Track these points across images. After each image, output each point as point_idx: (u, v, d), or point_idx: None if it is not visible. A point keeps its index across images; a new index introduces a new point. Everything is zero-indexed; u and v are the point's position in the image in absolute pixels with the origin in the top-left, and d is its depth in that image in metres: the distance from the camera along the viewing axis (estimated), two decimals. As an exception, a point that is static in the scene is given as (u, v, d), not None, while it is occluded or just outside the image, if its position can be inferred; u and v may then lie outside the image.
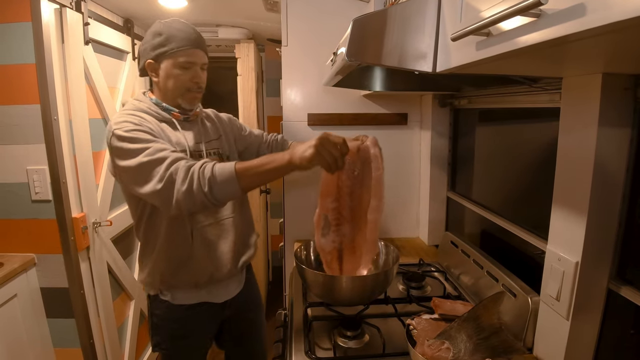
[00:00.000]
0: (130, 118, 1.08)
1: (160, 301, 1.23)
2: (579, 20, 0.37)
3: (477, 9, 0.59)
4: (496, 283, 1.12)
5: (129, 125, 1.05)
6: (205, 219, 1.20)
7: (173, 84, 1.15)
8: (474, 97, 1.43)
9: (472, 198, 1.53)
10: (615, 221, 0.79)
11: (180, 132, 1.18)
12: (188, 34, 1.14)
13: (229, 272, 1.26)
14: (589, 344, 0.84)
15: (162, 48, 1.12)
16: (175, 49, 1.12)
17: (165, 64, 1.14)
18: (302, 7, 1.64)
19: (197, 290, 1.24)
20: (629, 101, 0.75)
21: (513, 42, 0.48)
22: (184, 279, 1.20)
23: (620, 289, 0.79)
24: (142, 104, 1.17)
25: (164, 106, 1.18)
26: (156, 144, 1.03)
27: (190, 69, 1.15)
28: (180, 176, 0.97)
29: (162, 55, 1.13)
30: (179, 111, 1.20)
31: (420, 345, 0.89)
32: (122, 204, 2.07)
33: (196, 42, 1.15)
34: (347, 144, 0.96)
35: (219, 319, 1.34)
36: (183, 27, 1.14)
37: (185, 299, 1.23)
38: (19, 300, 1.56)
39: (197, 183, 0.96)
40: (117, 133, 1.03)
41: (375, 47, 0.72)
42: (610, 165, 0.77)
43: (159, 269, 1.19)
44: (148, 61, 1.15)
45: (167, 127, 1.17)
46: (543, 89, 0.99)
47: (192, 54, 1.15)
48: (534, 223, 1.12)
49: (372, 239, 1.09)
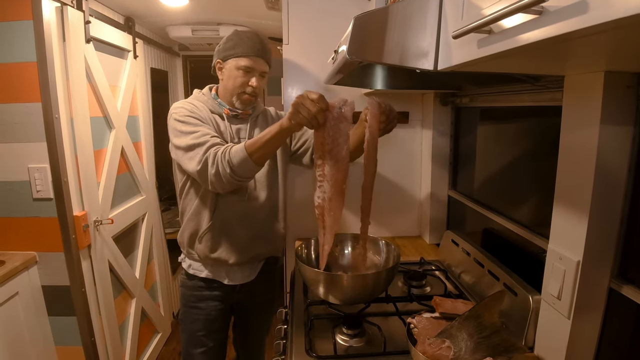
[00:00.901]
0: (187, 105, 1.26)
1: (182, 268, 1.44)
2: (581, 17, 0.37)
3: (478, 7, 0.58)
4: (497, 282, 1.12)
5: (183, 111, 1.23)
6: (229, 201, 1.31)
7: (232, 83, 1.29)
8: (476, 96, 1.42)
9: (473, 197, 1.53)
10: (617, 220, 0.79)
11: (227, 126, 1.32)
12: (254, 42, 1.28)
13: (237, 260, 1.34)
14: (590, 342, 0.84)
15: (230, 51, 1.28)
16: (240, 54, 1.27)
17: (229, 65, 1.29)
18: (303, 6, 1.64)
19: (209, 266, 1.37)
20: (632, 99, 0.75)
21: (515, 40, 0.48)
22: (199, 248, 1.33)
23: (622, 287, 0.79)
24: (202, 96, 1.35)
25: (219, 101, 1.34)
26: (203, 129, 1.20)
27: (249, 72, 1.28)
28: (209, 161, 1.14)
29: (228, 57, 1.28)
30: (230, 108, 1.33)
31: (421, 343, 0.89)
32: (123, 202, 2.07)
33: (260, 51, 1.28)
34: (324, 100, 1.00)
35: (229, 299, 1.43)
36: (252, 37, 1.29)
37: (197, 271, 1.39)
38: (21, 298, 1.57)
39: (221, 166, 1.12)
40: (174, 116, 1.23)
41: (376, 45, 0.72)
42: (612, 164, 0.77)
43: (184, 234, 1.36)
44: (217, 60, 1.32)
45: (218, 118, 1.32)
46: (545, 87, 0.98)
47: (253, 61, 1.27)
48: (535, 222, 1.11)
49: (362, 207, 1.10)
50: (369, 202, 1.10)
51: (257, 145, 1.10)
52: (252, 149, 1.10)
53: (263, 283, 1.47)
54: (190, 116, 1.22)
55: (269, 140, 1.09)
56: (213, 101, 1.33)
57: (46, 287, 1.68)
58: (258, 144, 1.10)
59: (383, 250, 1.28)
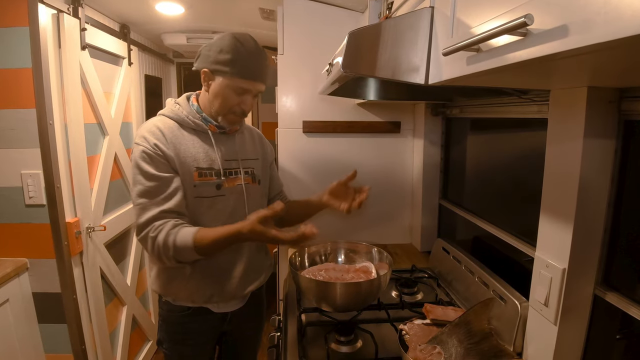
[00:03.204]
0: (152, 136, 1.10)
1: (163, 302, 1.26)
2: (563, 40, 0.39)
3: (467, 25, 0.61)
4: (487, 289, 1.14)
5: (147, 148, 1.08)
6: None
7: (220, 103, 1.14)
8: (466, 107, 1.46)
9: (463, 205, 1.56)
10: (600, 229, 0.82)
11: (213, 146, 1.18)
12: (254, 64, 1.11)
13: (231, 296, 1.24)
14: (577, 348, 0.87)
15: (223, 67, 1.09)
16: (237, 74, 1.10)
17: (220, 81, 1.12)
18: (298, 16, 1.67)
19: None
20: (614, 113, 0.78)
21: (502, 59, 0.50)
22: (181, 294, 1.21)
23: (606, 294, 0.82)
24: (181, 110, 1.17)
25: (203, 116, 1.18)
26: (156, 187, 1.07)
27: (241, 95, 1.14)
28: (149, 242, 1.05)
29: (221, 73, 1.11)
30: (216, 125, 1.19)
31: (412, 350, 0.90)
32: (116, 208, 2.07)
33: (259, 74, 1.13)
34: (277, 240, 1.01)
35: (218, 330, 1.31)
36: (252, 55, 1.10)
37: (185, 302, 1.23)
38: (11, 305, 1.55)
39: (162, 248, 1.04)
40: (136, 150, 1.10)
41: (370, 60, 0.75)
42: (596, 175, 0.80)
43: (160, 277, 1.22)
44: (204, 69, 1.12)
45: (198, 140, 1.17)
46: (532, 100, 1.02)
47: (249, 84, 1.12)
48: (523, 230, 1.14)
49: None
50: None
51: (207, 240, 1.03)
52: (201, 244, 1.03)
53: (252, 306, 1.35)
54: (149, 161, 1.08)
55: (223, 241, 1.03)
56: (194, 115, 1.17)
57: (37, 294, 1.66)
58: (208, 240, 1.03)
59: (376, 258, 1.30)
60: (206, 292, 1.20)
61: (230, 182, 1.20)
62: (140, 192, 1.08)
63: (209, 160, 1.16)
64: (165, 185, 1.09)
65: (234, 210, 1.20)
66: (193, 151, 1.14)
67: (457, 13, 0.65)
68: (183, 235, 1.04)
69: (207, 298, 1.21)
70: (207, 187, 1.15)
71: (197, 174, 1.14)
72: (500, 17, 0.51)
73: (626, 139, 0.80)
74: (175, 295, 1.21)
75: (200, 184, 1.14)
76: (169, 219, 1.07)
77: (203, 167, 1.15)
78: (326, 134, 1.77)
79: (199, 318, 1.24)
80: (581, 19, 0.37)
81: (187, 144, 1.14)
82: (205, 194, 1.15)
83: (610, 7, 0.33)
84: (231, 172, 1.21)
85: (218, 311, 1.26)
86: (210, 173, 1.16)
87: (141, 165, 1.08)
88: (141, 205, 1.07)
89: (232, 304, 1.29)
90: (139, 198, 1.08)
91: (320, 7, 1.67)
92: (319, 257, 1.35)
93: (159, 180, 1.08)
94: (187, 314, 1.23)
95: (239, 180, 1.22)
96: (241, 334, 1.38)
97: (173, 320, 1.24)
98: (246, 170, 1.25)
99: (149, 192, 1.07)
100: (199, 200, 1.15)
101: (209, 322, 1.26)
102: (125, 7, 1.91)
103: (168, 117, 1.17)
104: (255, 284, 1.30)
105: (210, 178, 1.16)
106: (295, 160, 1.78)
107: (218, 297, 1.22)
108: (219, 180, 1.17)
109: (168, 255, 1.05)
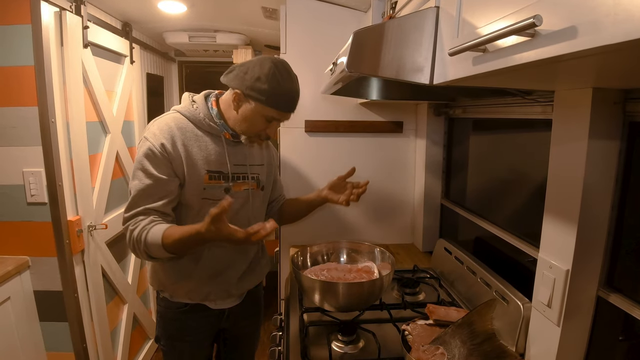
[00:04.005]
0: (165, 133, 1.11)
1: (161, 298, 1.28)
2: (571, 42, 0.39)
3: (473, 26, 0.61)
4: (489, 289, 1.14)
5: (153, 146, 1.09)
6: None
7: (248, 125, 1.15)
8: (469, 107, 1.45)
9: (465, 205, 1.56)
10: (604, 230, 0.82)
11: (225, 150, 1.19)
12: (289, 99, 1.12)
13: (229, 294, 1.27)
14: (579, 349, 0.87)
15: (258, 95, 1.09)
16: (269, 105, 1.10)
17: (252, 106, 1.11)
18: (300, 16, 1.67)
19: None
20: (618, 115, 0.78)
21: (509, 59, 0.50)
22: (179, 291, 1.23)
23: (609, 296, 0.82)
24: (198, 111, 1.17)
25: (221, 123, 1.18)
26: (152, 187, 1.09)
27: (270, 121, 1.15)
28: (127, 234, 1.09)
29: (255, 99, 1.10)
30: (232, 133, 1.20)
31: (415, 350, 0.90)
32: (117, 207, 2.07)
33: (292, 106, 1.14)
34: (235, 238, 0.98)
35: (216, 327, 1.32)
36: (288, 89, 1.11)
37: (182, 299, 1.24)
38: (12, 303, 1.55)
39: (137, 243, 1.06)
40: (143, 146, 1.11)
41: (374, 59, 0.74)
42: (600, 177, 0.79)
43: (157, 274, 1.24)
44: (237, 91, 1.11)
45: (210, 142, 1.17)
46: (536, 101, 1.01)
47: (281, 115, 1.14)
48: (526, 231, 1.14)
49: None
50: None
51: (172, 238, 1.03)
52: (168, 241, 1.03)
53: (249, 303, 1.37)
54: (152, 159, 1.09)
55: (187, 240, 1.02)
56: (210, 118, 1.17)
57: (38, 292, 1.66)
58: (174, 238, 1.03)
59: (378, 258, 1.30)
60: (204, 289, 1.22)
61: (238, 187, 1.22)
62: (136, 187, 1.10)
63: (219, 163, 1.18)
64: (160, 186, 1.10)
65: (237, 215, 1.21)
66: (205, 153, 1.15)
67: (463, 13, 0.65)
68: (155, 231, 1.05)
69: (204, 295, 1.23)
70: (216, 190, 1.17)
71: (208, 176, 1.15)
72: (508, 17, 0.50)
73: (631, 141, 0.79)
74: (173, 292, 1.23)
75: (210, 187, 1.16)
76: (150, 215, 1.09)
77: (213, 170, 1.16)
78: (328, 133, 1.77)
79: (197, 315, 1.25)
80: (590, 20, 0.36)
81: (199, 146, 1.15)
82: (213, 197, 1.16)
83: (620, 8, 0.33)
84: (239, 177, 1.22)
85: (215, 307, 1.27)
86: (219, 176, 1.18)
87: (143, 162, 1.10)
88: (132, 200, 1.10)
89: (230, 301, 1.31)
90: (133, 191, 1.11)
91: (323, 6, 1.66)
92: (321, 257, 1.35)
93: (156, 180, 1.10)
94: (184, 310, 1.24)
95: (246, 185, 1.24)
96: (239, 331, 1.40)
97: (170, 316, 1.26)
98: (252, 176, 1.26)
99: (143, 189, 1.09)
100: (205, 202, 1.16)
101: (207, 318, 1.27)
102: (128, 5, 1.91)
103: (183, 115, 1.17)
104: (253, 282, 1.33)
105: (219, 182, 1.18)
106: (298, 160, 1.78)
107: (215, 295, 1.24)
108: (228, 184, 1.19)
109: (140, 250, 1.07)
